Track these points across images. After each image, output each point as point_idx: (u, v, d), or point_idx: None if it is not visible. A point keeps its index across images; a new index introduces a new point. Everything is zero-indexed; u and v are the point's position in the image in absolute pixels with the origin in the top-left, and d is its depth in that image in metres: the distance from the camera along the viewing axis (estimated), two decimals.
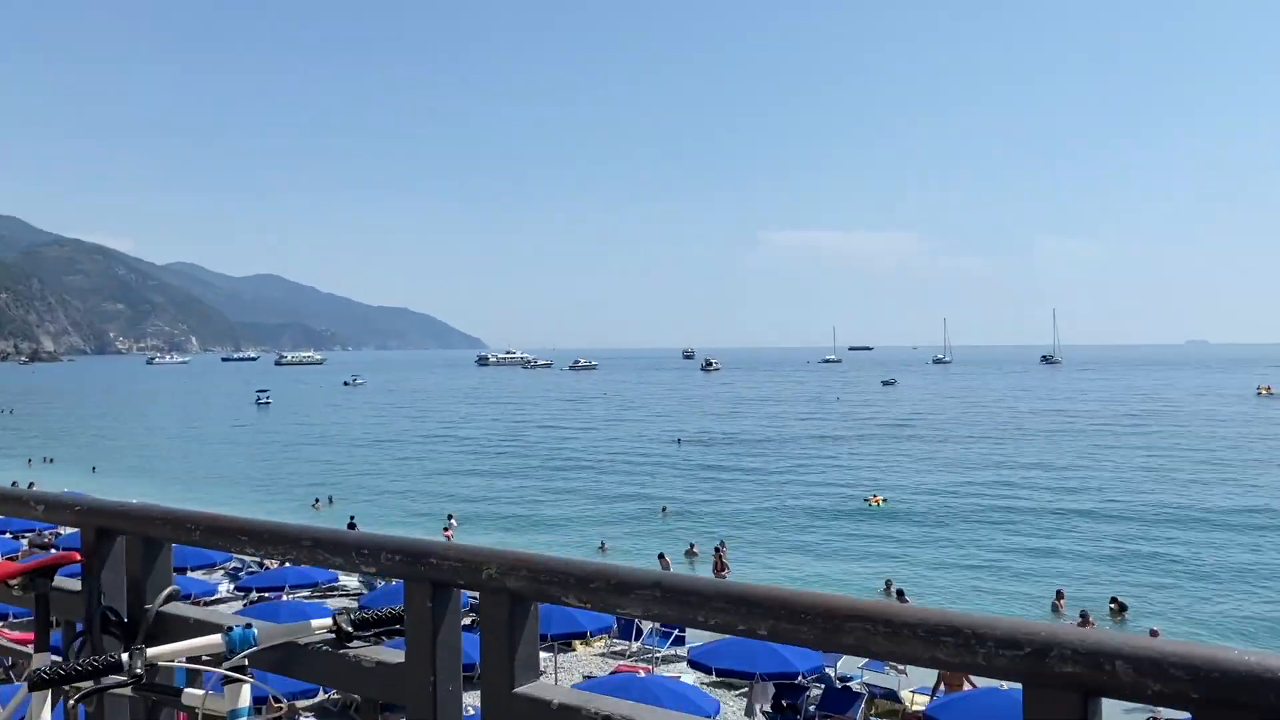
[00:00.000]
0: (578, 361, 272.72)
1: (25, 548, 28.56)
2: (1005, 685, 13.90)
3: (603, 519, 42.88)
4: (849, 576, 31.94)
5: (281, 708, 2.23)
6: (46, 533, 30.41)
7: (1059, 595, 27.49)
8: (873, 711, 16.73)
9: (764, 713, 16.53)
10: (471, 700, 2.48)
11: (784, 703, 16.55)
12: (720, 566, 28.37)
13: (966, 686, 14.84)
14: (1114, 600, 26.89)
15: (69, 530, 31.90)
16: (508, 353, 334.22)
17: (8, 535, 27.71)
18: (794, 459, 63.88)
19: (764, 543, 37.01)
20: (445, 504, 46.48)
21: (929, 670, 19.57)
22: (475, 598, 1.87)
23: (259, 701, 2.19)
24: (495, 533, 40.17)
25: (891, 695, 17.93)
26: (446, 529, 38.10)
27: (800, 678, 14.85)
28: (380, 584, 25.07)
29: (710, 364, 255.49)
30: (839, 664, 17.54)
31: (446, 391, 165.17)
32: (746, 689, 18.14)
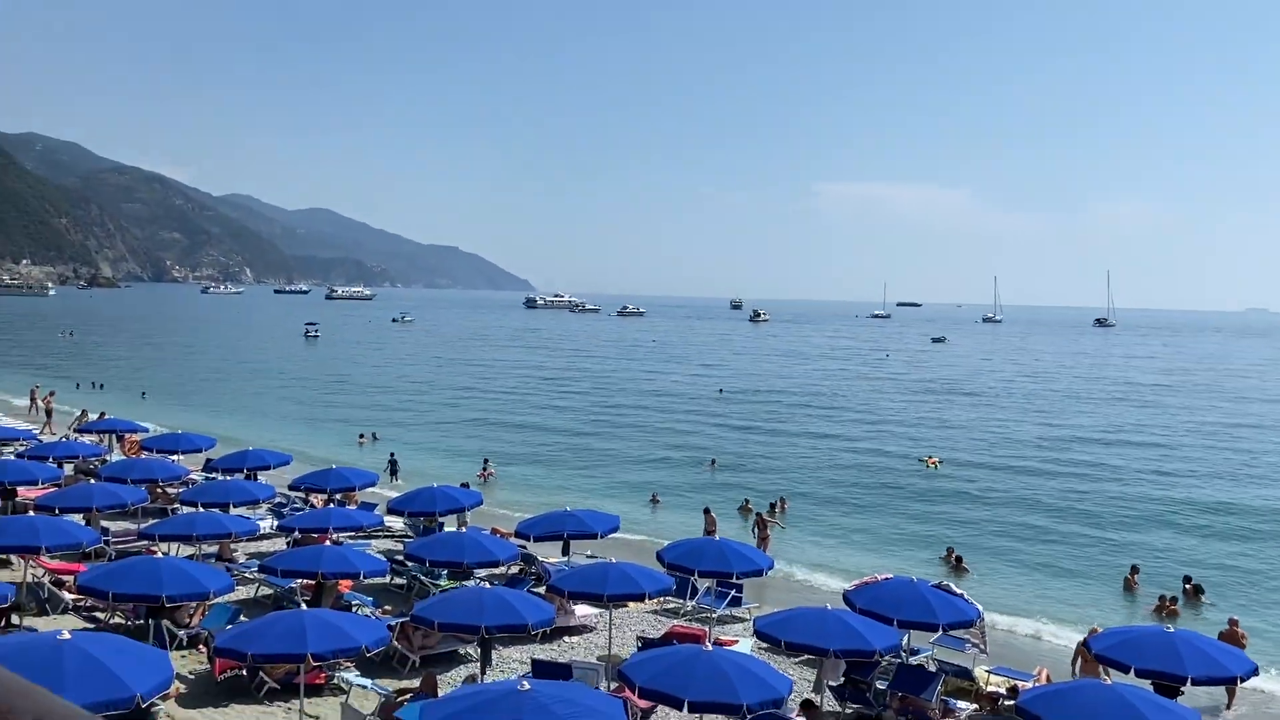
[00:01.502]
0: (625, 307, 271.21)
1: (69, 473, 28.25)
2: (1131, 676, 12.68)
3: (649, 468, 41.89)
4: (906, 542, 30.67)
5: None
6: (93, 459, 30.07)
7: (1133, 571, 26.04)
8: (943, 689, 15.64)
9: (831, 688, 15.49)
10: None
11: (854, 678, 15.50)
12: (763, 530, 26.92)
13: (1103, 679, 13.61)
14: (1187, 580, 25.40)
15: (117, 456, 31.62)
16: (555, 296, 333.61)
17: (51, 461, 27.22)
18: (845, 415, 62.40)
19: (816, 503, 35.76)
20: (487, 444, 45.81)
21: (1013, 650, 18.28)
22: None
23: None
24: (534, 477, 39.39)
25: (965, 674, 16.80)
26: (482, 471, 37.42)
27: (876, 655, 13.74)
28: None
29: (759, 315, 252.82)
30: (907, 638, 16.42)
31: (493, 332, 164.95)
32: (806, 658, 17.16)
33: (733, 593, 20.53)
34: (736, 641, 17.64)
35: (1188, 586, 25.11)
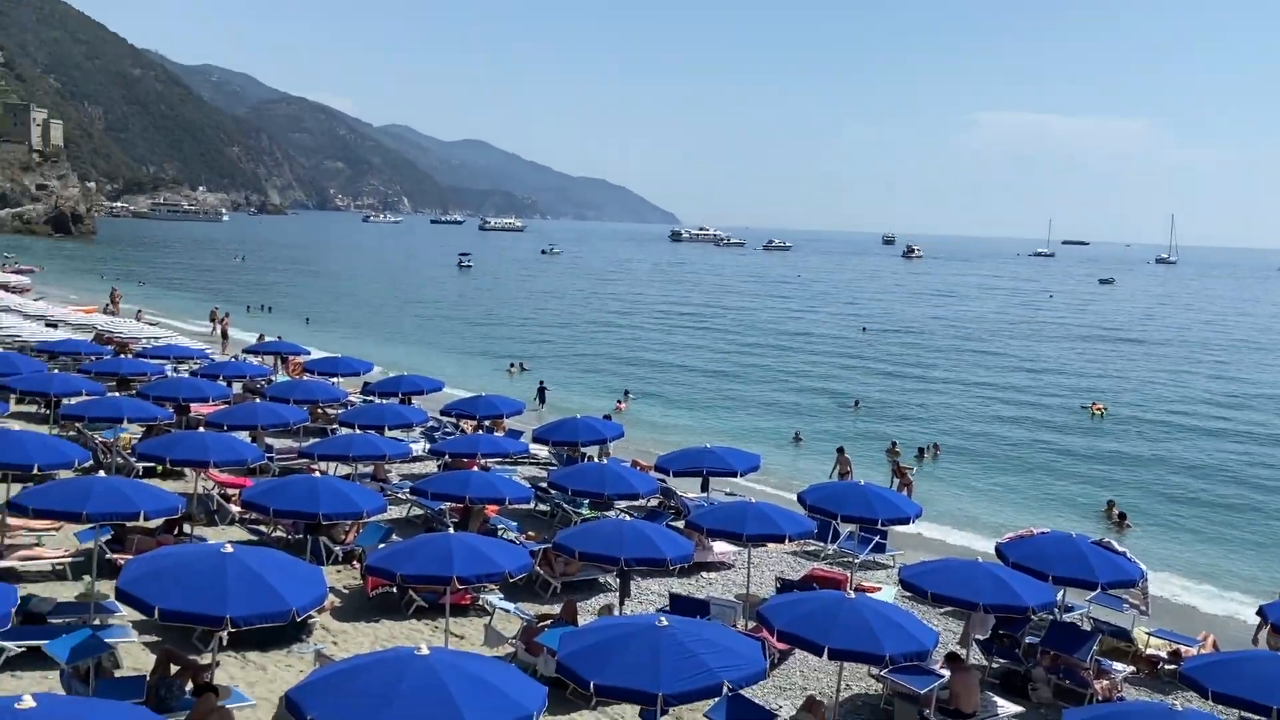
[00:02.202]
0: (771, 241, 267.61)
1: (238, 392, 29.80)
2: None
3: (790, 408, 41.31)
4: (1062, 495, 29.37)
5: None
6: (259, 379, 31.64)
7: None
8: (1099, 649, 14.92)
9: (979, 642, 14.97)
10: None
11: (1003, 633, 14.93)
12: (903, 478, 26.00)
13: None
14: None
15: (281, 377, 33.22)
16: (701, 229, 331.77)
17: (221, 380, 28.72)
18: (1001, 359, 60.09)
19: (966, 451, 34.58)
20: (629, 377, 46.05)
21: (1175, 614, 17.26)
22: None
23: None
24: (674, 413, 39.42)
25: (1123, 634, 15.98)
26: (619, 403, 37.71)
27: (1029, 612, 13.13)
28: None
29: (912, 251, 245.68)
30: (1062, 595, 15.69)
31: (639, 264, 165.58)
32: (951, 611, 16.65)
33: (877, 539, 20.06)
34: (879, 589, 17.24)
35: None
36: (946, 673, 13.00)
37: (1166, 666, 15.57)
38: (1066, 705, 13.25)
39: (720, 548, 19.11)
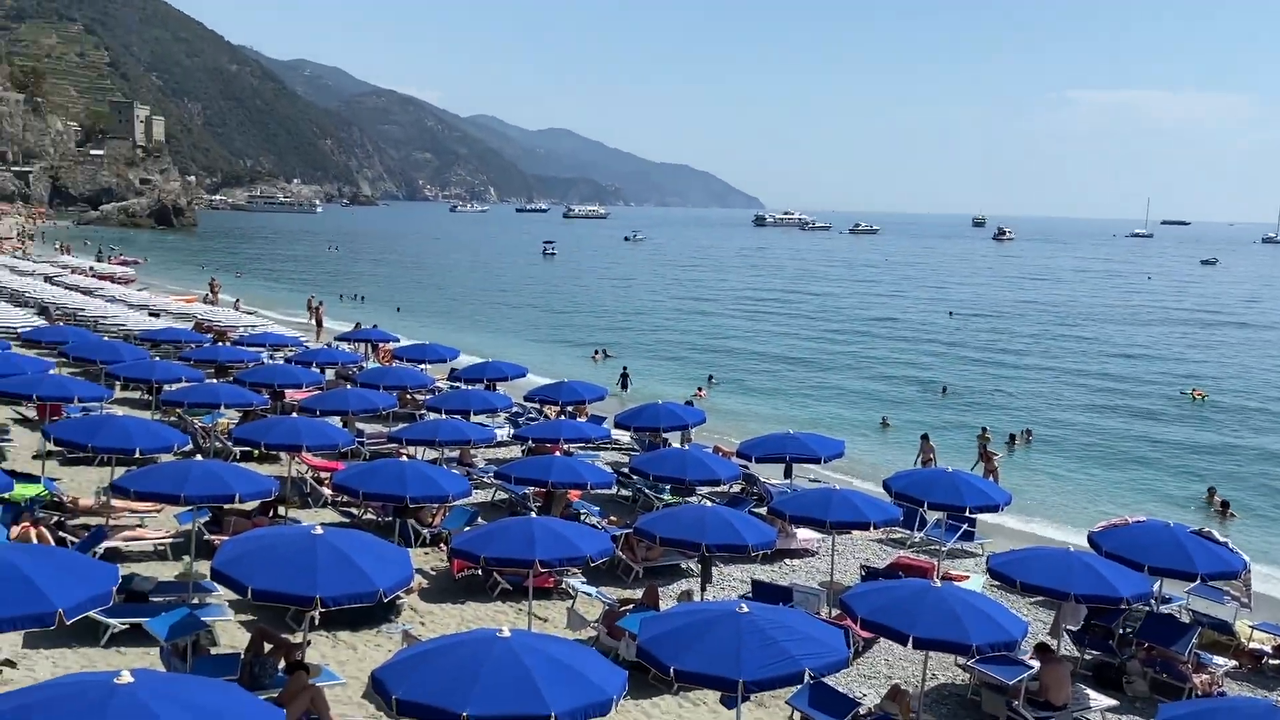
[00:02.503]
0: (858, 225, 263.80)
1: (330, 378, 30.54)
2: None
3: (875, 394, 40.70)
4: (1162, 483, 28.39)
5: None
6: (350, 365, 32.40)
7: None
8: (1198, 642, 14.39)
9: (1070, 633, 14.58)
10: None
11: (1096, 624, 14.51)
12: (987, 460, 25.34)
13: None
14: None
15: (371, 364, 33.96)
16: (785, 213, 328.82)
17: (314, 367, 29.44)
18: (1096, 343, 58.31)
19: (1058, 438, 33.64)
20: (711, 364, 45.87)
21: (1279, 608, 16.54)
22: None
23: None
24: (756, 399, 39.17)
25: (1223, 627, 15.40)
26: (700, 389, 37.63)
27: (1123, 603, 12.71)
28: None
29: (1003, 233, 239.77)
30: (1159, 586, 15.17)
31: (723, 250, 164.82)
32: (1041, 600, 16.25)
33: (965, 527, 19.67)
34: (967, 578, 16.91)
35: None
36: (1036, 664, 12.70)
37: (1271, 661, 14.97)
38: (1163, 699, 12.84)
39: (804, 534, 18.96)
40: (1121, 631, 14.72)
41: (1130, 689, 13.83)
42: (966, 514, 17.96)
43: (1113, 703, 13.12)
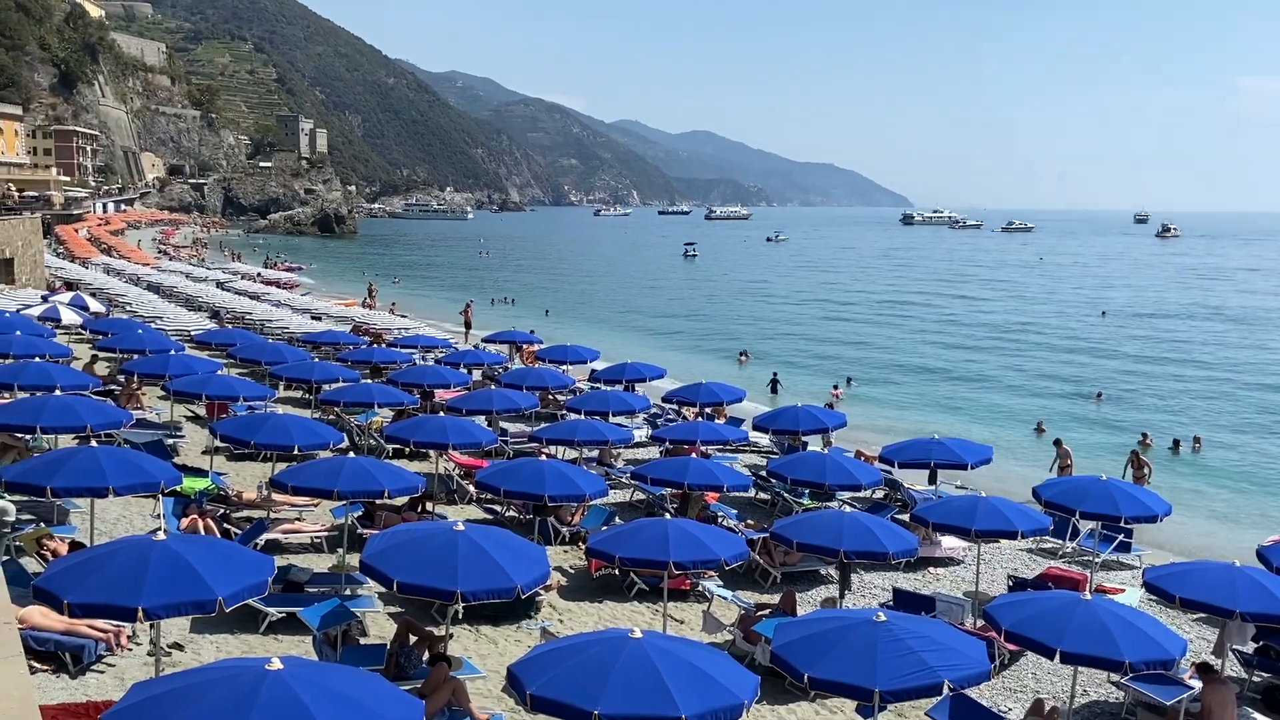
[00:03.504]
0: (1011, 223, 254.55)
1: (477, 379, 31.42)
2: None
3: (1025, 398, 39.17)
4: None
5: None
6: (496, 366, 33.25)
7: None
8: None
9: (1237, 653, 13.70)
10: None
11: (1268, 644, 13.58)
12: (1138, 469, 23.94)
13: None
14: None
15: (516, 365, 34.78)
16: (934, 211, 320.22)
17: (462, 368, 30.25)
18: (1271, 348, 54.58)
19: (1224, 445, 31.58)
20: (856, 367, 45.02)
21: None
22: None
23: None
24: (901, 399, 38.22)
25: None
26: (835, 389, 37.04)
27: None
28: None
29: (1168, 229, 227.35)
30: None
31: (869, 250, 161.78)
32: (1204, 617, 15.31)
33: (1120, 537, 18.72)
34: (1122, 591, 16.10)
35: None
36: (1198, 684, 11.97)
37: None
38: None
39: (949, 543, 18.42)
40: None
41: None
42: (1122, 524, 17.07)
43: None
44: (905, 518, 18.83)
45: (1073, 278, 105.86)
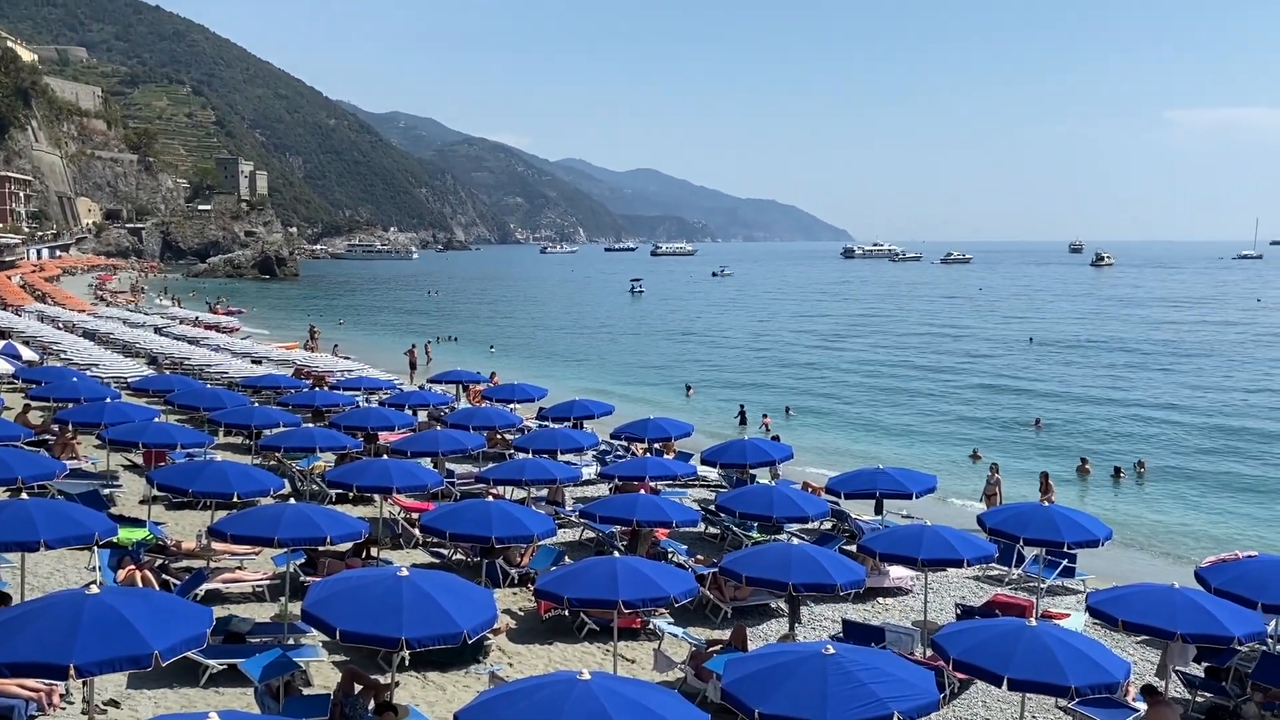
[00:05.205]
0: (950, 254, 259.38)
1: (422, 419, 31.08)
2: None
3: (966, 425, 39.76)
4: (1276, 517, 27.02)
5: None
6: (441, 407, 32.91)
7: None
8: None
9: (1180, 674, 13.89)
10: None
11: (1209, 665, 13.80)
12: (1045, 493, 24.41)
13: None
14: None
15: (462, 404, 34.46)
16: (875, 245, 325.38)
17: (406, 409, 29.90)
18: (1204, 373, 56.05)
19: (1164, 471, 32.27)
20: (795, 397, 45.32)
21: None
22: None
23: None
24: (846, 431, 38.55)
25: None
26: (765, 416, 37.51)
27: (1235, 642, 12.08)
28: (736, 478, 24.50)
29: (1101, 258, 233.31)
30: (1275, 624, 14.38)
31: (809, 284, 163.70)
32: (1146, 640, 15.51)
33: (1064, 562, 18.98)
34: (1067, 615, 16.30)
35: None
36: (1143, 706, 12.13)
37: None
38: None
39: (898, 573, 18.52)
40: (1235, 670, 13.98)
41: None
42: (1065, 549, 17.31)
43: None
44: (853, 548, 18.90)
45: (1011, 308, 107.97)
